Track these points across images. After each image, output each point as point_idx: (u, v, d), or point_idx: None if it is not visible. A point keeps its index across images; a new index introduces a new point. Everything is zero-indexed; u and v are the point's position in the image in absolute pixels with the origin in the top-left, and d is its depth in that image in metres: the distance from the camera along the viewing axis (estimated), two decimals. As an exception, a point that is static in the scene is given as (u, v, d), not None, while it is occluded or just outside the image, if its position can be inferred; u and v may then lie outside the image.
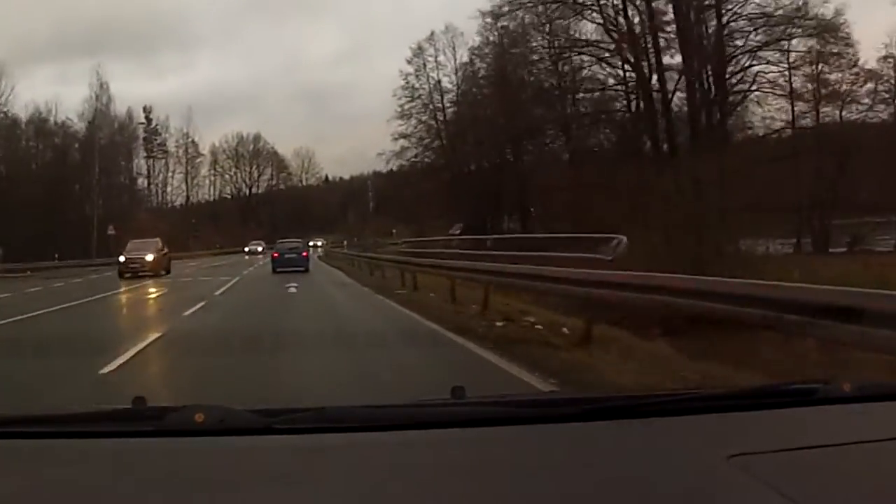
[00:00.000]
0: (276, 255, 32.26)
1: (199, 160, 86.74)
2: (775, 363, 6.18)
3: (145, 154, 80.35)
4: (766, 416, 1.63)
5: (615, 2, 38.05)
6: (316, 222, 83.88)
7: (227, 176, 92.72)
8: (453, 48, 50.47)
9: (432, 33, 51.16)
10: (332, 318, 13.39)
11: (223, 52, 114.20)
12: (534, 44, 41.97)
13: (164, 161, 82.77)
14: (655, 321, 8.86)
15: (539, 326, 9.87)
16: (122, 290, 22.23)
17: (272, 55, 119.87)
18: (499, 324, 10.31)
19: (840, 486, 1.34)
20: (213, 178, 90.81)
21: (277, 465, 1.42)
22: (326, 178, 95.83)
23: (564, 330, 9.25)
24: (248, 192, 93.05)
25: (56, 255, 45.05)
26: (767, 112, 37.76)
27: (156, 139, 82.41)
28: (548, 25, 40.78)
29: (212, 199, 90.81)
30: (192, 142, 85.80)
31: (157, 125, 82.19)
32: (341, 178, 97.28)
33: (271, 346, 8.74)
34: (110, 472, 1.43)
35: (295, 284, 21.36)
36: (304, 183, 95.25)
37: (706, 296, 6.18)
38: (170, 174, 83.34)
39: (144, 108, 79.92)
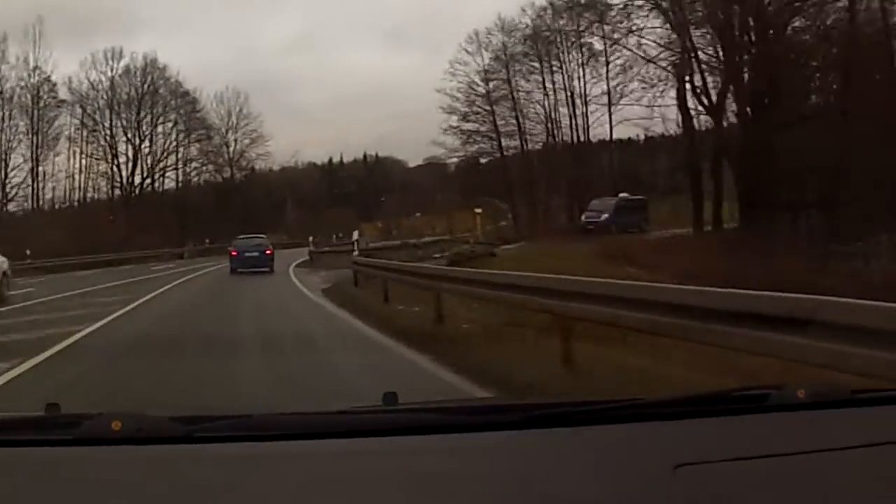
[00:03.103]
0: (234, 253, 29.00)
1: (55, 112, 54.18)
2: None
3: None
4: (716, 423, 1.63)
5: None
6: (246, 220, 52.60)
7: (100, 131, 57.01)
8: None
9: None
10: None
11: (165, 37, 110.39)
12: None
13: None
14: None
15: None
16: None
17: (215, 44, 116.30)
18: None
19: (794, 498, 1.34)
20: (73, 140, 56.04)
21: (197, 476, 1.41)
22: (253, 168, 66.74)
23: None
24: (131, 164, 57.84)
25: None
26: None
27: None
28: None
29: (75, 191, 56.53)
30: (47, 80, 53.10)
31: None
32: (271, 169, 70.48)
33: None
34: (22, 483, 1.41)
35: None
36: (233, 148, 63.85)
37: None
38: (11, 136, 51.69)
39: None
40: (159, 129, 59.53)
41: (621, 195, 39.28)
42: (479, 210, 39.08)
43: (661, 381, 5.98)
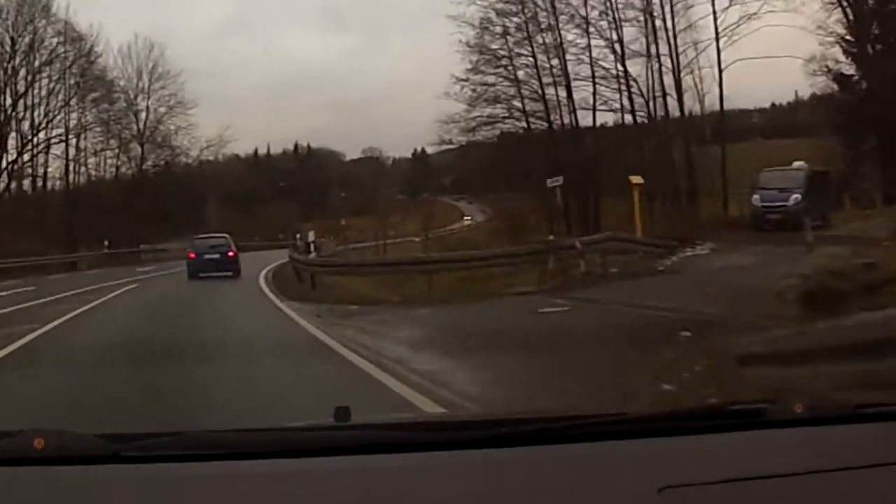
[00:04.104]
0: (192, 255, 26.00)
1: None
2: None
3: None
4: (705, 441, 1.56)
5: None
6: (157, 219, 43.20)
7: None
8: None
9: None
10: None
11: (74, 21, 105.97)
12: None
13: None
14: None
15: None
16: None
17: (125, 25, 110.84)
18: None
19: None
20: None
21: (126, 499, 1.35)
22: (166, 162, 49.49)
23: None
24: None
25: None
26: None
27: None
28: None
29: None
30: None
31: None
32: (187, 164, 50.85)
33: None
34: None
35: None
36: (145, 117, 47.71)
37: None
38: None
39: None
40: (42, 83, 42.49)
41: (798, 163, 25.32)
42: (639, 180, 24.47)
43: None
